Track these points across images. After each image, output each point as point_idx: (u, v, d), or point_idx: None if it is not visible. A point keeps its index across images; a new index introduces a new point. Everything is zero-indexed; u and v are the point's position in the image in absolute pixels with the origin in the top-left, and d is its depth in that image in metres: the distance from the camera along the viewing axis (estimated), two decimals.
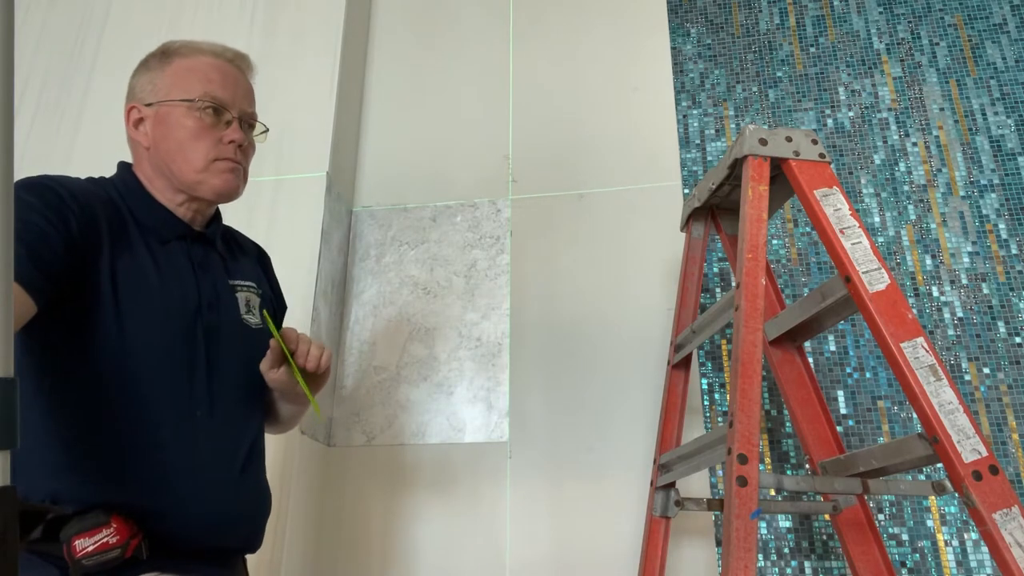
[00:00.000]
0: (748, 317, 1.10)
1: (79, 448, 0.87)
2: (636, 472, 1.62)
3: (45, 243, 0.83)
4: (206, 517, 0.91)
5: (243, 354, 1.02)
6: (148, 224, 0.99)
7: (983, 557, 1.50)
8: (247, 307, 1.07)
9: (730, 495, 0.98)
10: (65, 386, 0.89)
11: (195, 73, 1.02)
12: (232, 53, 1.07)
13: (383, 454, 1.75)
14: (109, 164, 1.09)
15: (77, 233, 0.88)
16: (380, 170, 2.07)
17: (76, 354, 0.88)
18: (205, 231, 1.06)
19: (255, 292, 1.10)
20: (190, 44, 1.06)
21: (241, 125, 1.04)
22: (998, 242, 1.75)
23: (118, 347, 0.89)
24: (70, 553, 0.79)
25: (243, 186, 1.06)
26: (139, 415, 0.89)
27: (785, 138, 1.23)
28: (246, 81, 1.08)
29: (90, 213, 0.91)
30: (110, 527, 0.81)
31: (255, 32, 2.01)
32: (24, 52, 2.09)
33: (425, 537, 1.67)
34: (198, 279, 1.00)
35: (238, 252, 1.15)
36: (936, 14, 2.02)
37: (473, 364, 1.80)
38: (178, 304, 0.95)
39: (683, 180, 1.93)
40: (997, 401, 1.62)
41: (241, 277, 1.09)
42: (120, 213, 0.97)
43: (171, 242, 1.00)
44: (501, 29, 2.16)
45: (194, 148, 1.00)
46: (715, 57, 2.08)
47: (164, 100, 1.02)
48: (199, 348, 0.95)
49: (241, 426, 1.01)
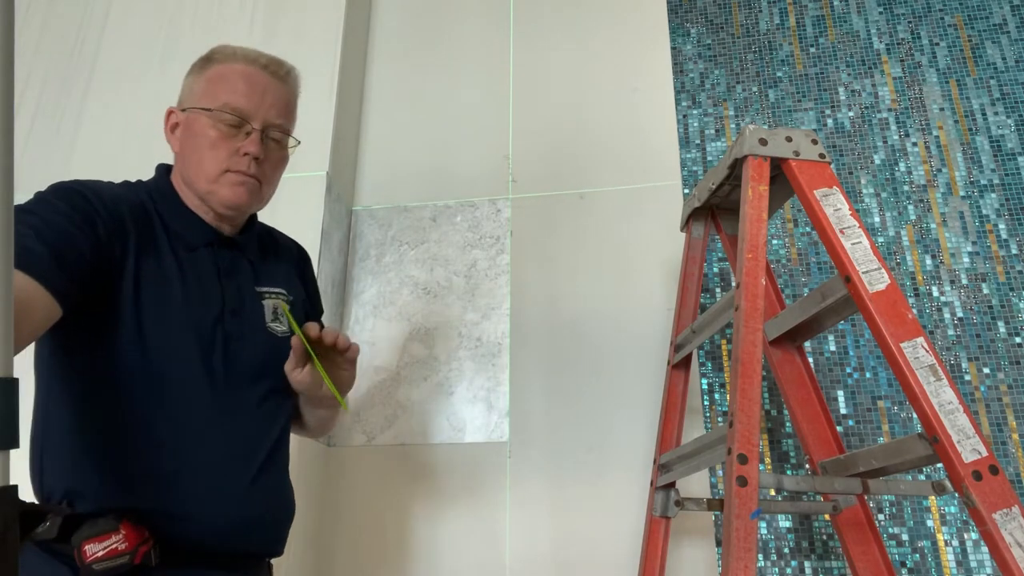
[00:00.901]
0: (748, 317, 1.10)
1: (96, 449, 0.88)
2: (636, 472, 1.62)
3: (72, 247, 0.84)
4: (219, 521, 0.90)
5: (266, 361, 1.01)
6: (176, 230, 0.99)
7: (983, 557, 1.50)
8: (274, 314, 1.05)
9: (730, 495, 0.98)
10: (86, 388, 0.90)
11: (223, 81, 1.01)
12: (266, 60, 1.04)
13: (383, 454, 1.75)
14: (109, 164, 1.10)
15: (104, 238, 0.88)
16: (380, 170, 2.07)
17: (97, 357, 0.89)
18: (236, 237, 1.05)
19: (284, 299, 1.09)
20: (229, 50, 1.04)
21: (264, 137, 1.01)
22: (998, 242, 1.75)
23: (137, 352, 0.89)
24: (80, 558, 0.80)
25: (258, 199, 1.03)
26: (154, 419, 0.90)
27: (785, 138, 1.23)
28: (280, 89, 1.04)
29: (118, 218, 0.91)
30: (119, 533, 0.81)
31: (255, 32, 2.00)
32: (24, 52, 2.09)
33: (425, 537, 1.67)
34: (223, 286, 0.99)
35: (273, 256, 1.13)
36: (936, 14, 2.02)
37: (473, 364, 1.80)
38: (199, 311, 0.95)
39: (683, 180, 1.93)
40: (997, 401, 1.62)
41: (271, 283, 1.08)
42: (149, 218, 0.97)
43: (198, 249, 0.99)
44: (501, 29, 2.16)
45: (209, 158, 0.99)
46: (715, 57, 2.08)
47: (194, 106, 1.01)
48: (218, 355, 0.95)
49: (260, 432, 0.99)
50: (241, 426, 0.96)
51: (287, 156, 1.08)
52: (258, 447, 0.98)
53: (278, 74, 1.04)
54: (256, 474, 0.96)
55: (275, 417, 1.04)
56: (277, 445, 1.03)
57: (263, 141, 1.01)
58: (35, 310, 0.77)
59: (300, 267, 1.19)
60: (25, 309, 0.75)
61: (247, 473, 0.95)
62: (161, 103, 1.38)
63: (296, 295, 1.13)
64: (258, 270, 1.07)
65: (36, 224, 0.83)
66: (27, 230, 0.81)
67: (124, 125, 1.94)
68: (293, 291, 1.12)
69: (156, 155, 1.86)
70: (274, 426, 1.03)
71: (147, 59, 2.02)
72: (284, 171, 1.09)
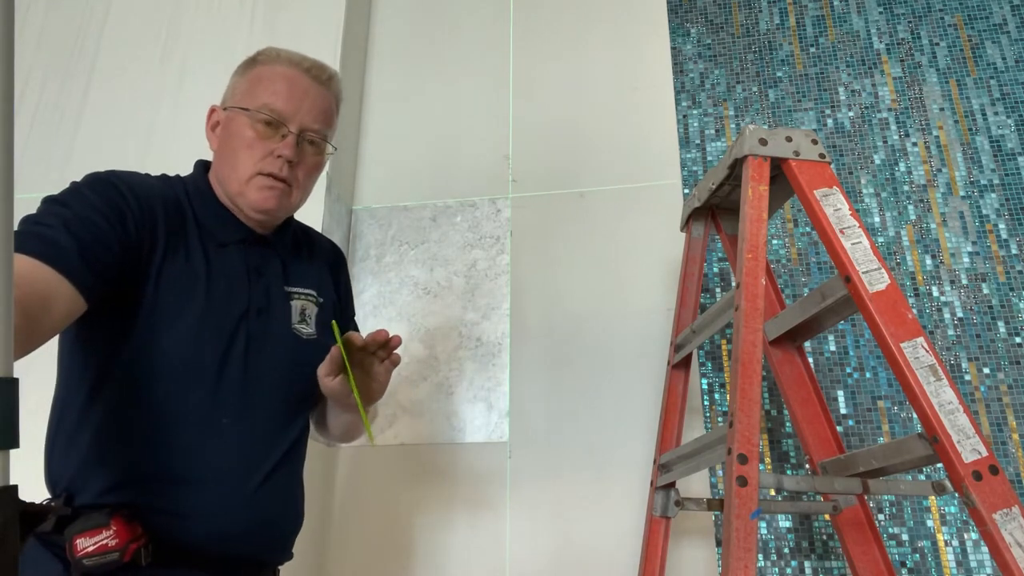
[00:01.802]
0: (748, 317, 1.10)
1: (102, 444, 0.88)
2: (636, 472, 1.62)
3: (100, 242, 0.84)
4: (221, 523, 0.89)
5: (288, 363, 1.00)
6: (208, 226, 0.98)
7: (983, 557, 1.50)
8: (301, 316, 1.04)
9: (730, 495, 0.98)
10: (99, 382, 0.90)
11: (264, 82, 1.00)
12: (309, 63, 1.03)
13: (383, 454, 1.75)
14: (108, 164, 1.09)
15: (133, 234, 0.88)
16: (380, 170, 2.07)
17: (113, 351, 0.89)
18: (268, 235, 1.04)
19: (313, 301, 1.07)
20: (274, 52, 1.03)
21: (301, 140, 1.00)
22: (998, 242, 1.75)
23: (152, 348, 0.89)
24: (71, 551, 0.80)
25: (287, 205, 1.01)
26: (160, 418, 0.89)
27: (785, 138, 1.23)
28: (321, 94, 1.03)
29: (150, 214, 0.91)
30: (110, 529, 0.81)
31: (255, 32, 2.00)
32: (24, 52, 2.09)
33: (425, 537, 1.67)
34: (250, 285, 0.98)
35: (307, 256, 1.12)
36: (936, 14, 2.02)
37: (473, 364, 1.80)
38: (222, 309, 0.94)
39: (683, 180, 1.93)
40: (997, 401, 1.62)
41: (301, 284, 1.06)
42: (183, 214, 0.97)
43: (229, 246, 0.99)
44: (501, 28, 2.16)
45: (243, 158, 0.98)
46: (715, 57, 2.08)
47: (233, 106, 1.01)
48: (236, 355, 0.94)
49: (273, 436, 0.97)
50: (254, 428, 0.95)
51: (323, 163, 1.06)
52: (271, 450, 0.97)
53: (320, 79, 1.03)
54: (265, 478, 0.94)
55: (292, 420, 1.02)
56: (292, 449, 1.01)
57: (298, 145, 1.00)
58: (58, 304, 0.77)
59: (334, 268, 1.17)
60: (47, 302, 0.75)
61: (256, 476, 0.93)
62: (161, 103, 1.40)
63: (327, 297, 1.11)
64: (289, 269, 1.06)
65: (67, 216, 0.83)
66: (57, 222, 0.81)
67: (124, 124, 1.94)
68: (324, 293, 1.10)
69: (156, 154, 1.87)
70: (290, 429, 1.01)
71: (147, 59, 2.01)
72: (318, 177, 1.08)
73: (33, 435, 0.85)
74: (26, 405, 0.51)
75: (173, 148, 1.87)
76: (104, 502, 0.84)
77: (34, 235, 0.80)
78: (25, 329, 0.68)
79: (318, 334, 1.05)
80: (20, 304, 0.68)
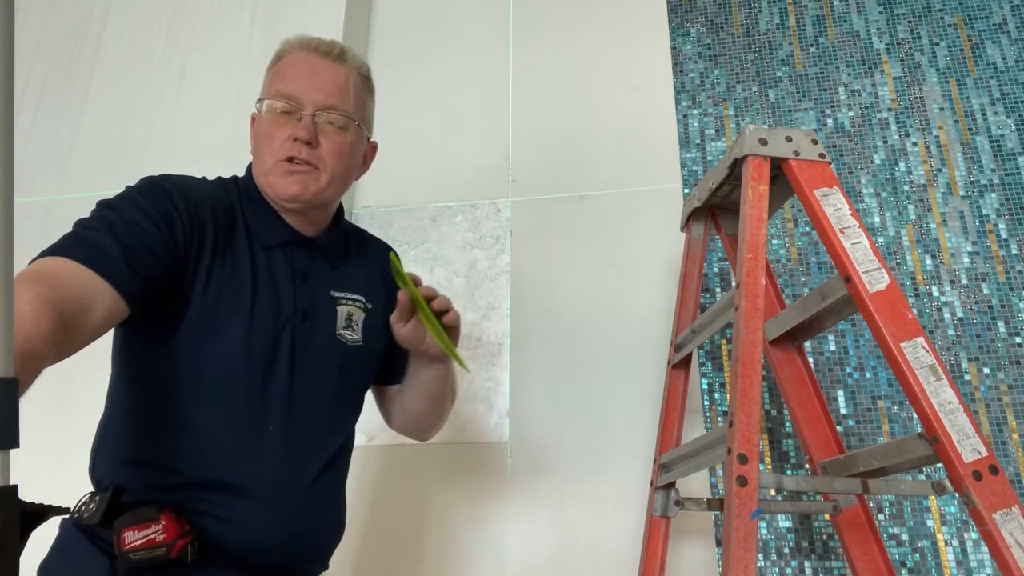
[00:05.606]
0: (748, 317, 1.10)
1: (145, 446, 0.88)
2: (636, 472, 1.62)
3: (147, 247, 0.83)
4: (253, 533, 0.87)
5: (332, 370, 0.98)
6: (256, 228, 0.97)
7: (983, 557, 1.50)
8: (347, 322, 1.01)
9: (730, 495, 0.98)
10: (145, 384, 0.90)
11: (280, 71, 0.99)
12: (318, 43, 0.99)
13: (383, 454, 1.75)
14: (108, 164, 1.09)
15: (181, 240, 0.87)
16: (380, 170, 2.06)
17: (158, 355, 0.89)
18: (315, 237, 1.02)
19: (360, 307, 1.04)
20: (291, 41, 1.01)
21: (317, 121, 0.96)
22: (998, 242, 1.75)
23: (197, 352, 0.88)
24: (119, 544, 0.79)
25: (318, 189, 0.96)
26: (204, 423, 0.88)
27: (785, 138, 1.23)
28: (332, 70, 0.98)
29: (198, 219, 0.90)
30: (159, 523, 0.80)
31: (255, 33, 2.00)
32: (24, 52, 2.09)
33: (425, 537, 1.67)
34: (296, 289, 0.96)
35: (357, 259, 1.08)
36: (936, 14, 2.02)
37: (473, 364, 1.80)
38: (268, 314, 0.92)
39: (683, 180, 1.92)
40: (997, 401, 1.62)
41: (349, 289, 1.04)
42: (233, 216, 0.96)
43: (275, 248, 0.97)
44: (501, 29, 2.16)
45: (265, 150, 0.97)
46: (715, 57, 2.08)
47: (257, 103, 1.00)
48: (282, 360, 0.92)
49: (316, 444, 0.96)
50: (299, 435, 0.93)
51: (349, 141, 0.99)
52: (314, 458, 0.95)
53: (331, 54, 0.99)
54: (308, 487, 0.93)
55: (336, 428, 1.00)
56: (336, 457, 0.99)
57: (316, 125, 0.96)
58: (97, 307, 0.77)
59: (386, 271, 1.12)
60: (86, 305, 0.75)
61: (299, 485, 0.92)
62: (161, 102, 1.40)
63: (376, 302, 1.07)
64: (337, 274, 1.03)
65: (115, 221, 0.82)
66: (103, 226, 0.81)
67: (124, 125, 1.94)
68: (373, 297, 1.07)
69: (155, 154, 1.87)
70: (334, 437, 0.99)
71: (147, 59, 2.02)
72: (358, 159, 1.03)
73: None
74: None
75: (173, 148, 1.87)
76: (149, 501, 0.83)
77: (78, 239, 0.80)
78: (60, 331, 0.67)
79: (364, 340, 1.03)
80: (57, 307, 0.68)
